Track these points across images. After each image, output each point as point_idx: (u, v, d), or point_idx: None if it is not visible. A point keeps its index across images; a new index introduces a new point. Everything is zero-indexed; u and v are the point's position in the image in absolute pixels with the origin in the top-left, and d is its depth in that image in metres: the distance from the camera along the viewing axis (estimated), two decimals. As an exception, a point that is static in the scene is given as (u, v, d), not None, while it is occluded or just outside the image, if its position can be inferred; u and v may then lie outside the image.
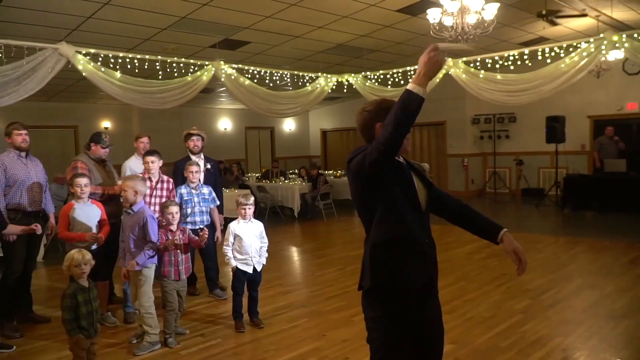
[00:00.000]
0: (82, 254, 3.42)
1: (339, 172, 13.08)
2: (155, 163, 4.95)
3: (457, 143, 14.07)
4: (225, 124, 16.33)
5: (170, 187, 5.13)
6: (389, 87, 9.99)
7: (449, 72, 8.89)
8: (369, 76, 10.19)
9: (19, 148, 4.59)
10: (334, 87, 10.37)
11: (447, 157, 14.31)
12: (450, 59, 8.80)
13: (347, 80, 10.39)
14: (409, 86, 1.96)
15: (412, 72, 9.57)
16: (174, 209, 4.32)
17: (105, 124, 13.68)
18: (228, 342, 4.24)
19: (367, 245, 2.24)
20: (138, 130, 11.74)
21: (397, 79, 9.92)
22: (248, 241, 4.42)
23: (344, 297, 5.31)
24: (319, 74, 10.10)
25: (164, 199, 4.94)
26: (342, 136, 17.70)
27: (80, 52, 6.71)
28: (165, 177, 5.15)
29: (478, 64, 8.76)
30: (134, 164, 5.54)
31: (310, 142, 18.81)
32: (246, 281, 4.51)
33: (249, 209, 4.46)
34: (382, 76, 10.04)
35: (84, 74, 6.79)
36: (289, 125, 18.10)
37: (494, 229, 2.28)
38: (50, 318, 4.81)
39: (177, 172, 5.59)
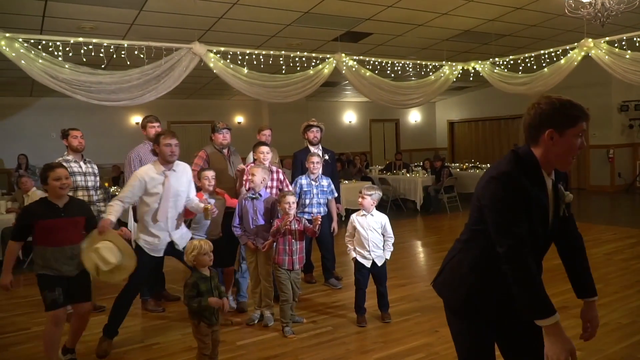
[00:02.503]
0: (207, 242, 3.58)
1: (466, 164, 12.56)
2: (269, 154, 4.95)
3: (600, 133, 12.72)
4: (350, 117, 16.50)
5: (281, 177, 5.10)
6: (520, 73, 9.32)
7: (589, 54, 8.04)
8: (498, 62, 9.61)
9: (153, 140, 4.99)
10: (459, 75, 9.95)
11: (589, 148, 13.01)
12: (590, 39, 7.96)
13: (474, 68, 9.89)
14: (540, 322, 1.77)
15: (545, 56, 8.83)
16: (291, 199, 4.36)
17: (239, 118, 14.58)
18: (338, 331, 4.28)
19: (460, 253, 2.09)
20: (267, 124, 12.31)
21: (529, 64, 9.21)
22: (365, 234, 4.34)
23: (462, 294, 5.06)
24: (443, 62, 9.75)
25: (274, 190, 4.96)
26: (470, 127, 16.97)
27: (211, 51, 7.19)
28: (274, 168, 5.11)
29: (624, 43, 7.81)
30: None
31: (436, 134, 18.29)
32: (370, 275, 4.45)
33: (364, 198, 4.36)
34: (512, 62, 9.39)
35: (214, 70, 7.27)
36: (414, 117, 17.78)
37: (587, 290, 2.07)
38: (180, 297, 5.17)
39: (296, 163, 5.80)
